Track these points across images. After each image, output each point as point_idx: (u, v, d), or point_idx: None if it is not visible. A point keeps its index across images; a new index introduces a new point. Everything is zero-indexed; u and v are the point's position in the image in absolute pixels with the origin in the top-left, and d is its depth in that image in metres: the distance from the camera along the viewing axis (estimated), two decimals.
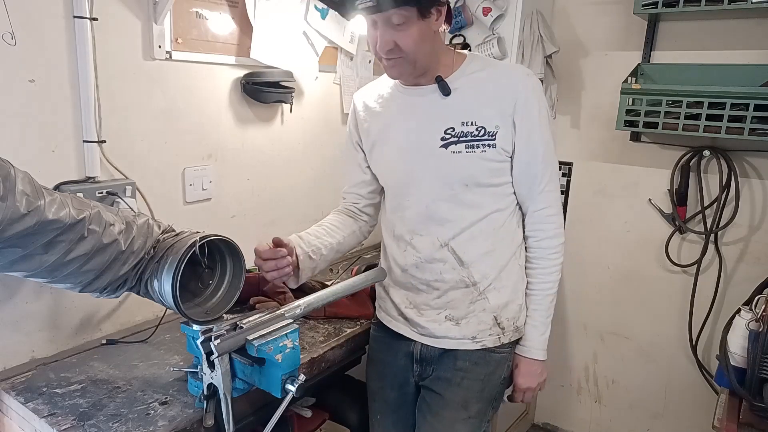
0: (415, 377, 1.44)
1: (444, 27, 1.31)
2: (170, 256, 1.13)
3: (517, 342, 1.42)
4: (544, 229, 1.35)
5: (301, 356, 1.25)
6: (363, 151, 1.46)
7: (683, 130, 1.94)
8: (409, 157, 1.33)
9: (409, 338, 1.41)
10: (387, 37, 1.19)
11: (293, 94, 1.86)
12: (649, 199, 2.30)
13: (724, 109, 1.84)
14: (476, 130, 1.26)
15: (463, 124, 1.27)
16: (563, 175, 2.47)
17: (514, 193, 1.34)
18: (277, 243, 1.27)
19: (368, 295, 1.71)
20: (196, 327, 1.13)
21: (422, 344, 1.40)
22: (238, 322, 1.12)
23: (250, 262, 1.25)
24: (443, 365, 1.39)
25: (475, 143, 1.26)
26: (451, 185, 1.30)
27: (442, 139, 1.28)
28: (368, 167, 1.47)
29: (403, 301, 1.41)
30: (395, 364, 1.46)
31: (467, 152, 1.27)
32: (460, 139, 1.27)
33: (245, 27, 1.71)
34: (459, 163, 1.27)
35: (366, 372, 1.56)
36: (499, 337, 1.36)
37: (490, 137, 1.26)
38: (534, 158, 1.29)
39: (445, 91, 1.28)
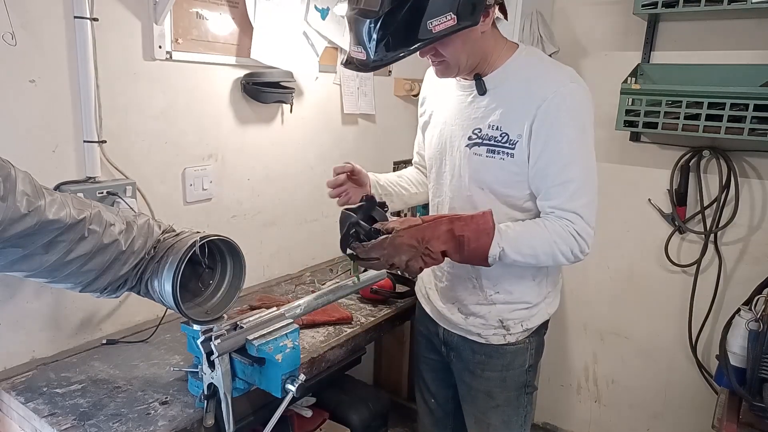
0: (444, 356, 1.48)
1: (499, 16, 1.22)
2: (170, 256, 1.13)
3: (537, 331, 1.39)
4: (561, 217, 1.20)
5: (301, 356, 1.24)
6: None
7: (683, 130, 1.94)
8: (441, 149, 1.35)
9: (433, 318, 1.46)
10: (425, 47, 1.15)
11: (293, 94, 1.86)
12: (649, 199, 2.30)
13: (723, 109, 1.84)
14: (500, 135, 1.22)
15: (489, 127, 1.24)
16: None
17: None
18: (350, 170, 1.41)
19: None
20: (196, 327, 1.14)
21: (444, 328, 1.43)
22: (238, 322, 1.13)
23: (250, 262, 1.25)
24: (463, 355, 1.41)
25: (497, 149, 1.23)
26: (467, 186, 1.29)
27: (469, 138, 1.27)
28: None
29: (429, 281, 1.46)
30: (429, 335, 1.52)
31: (487, 156, 1.24)
32: (484, 141, 1.24)
33: (245, 27, 1.71)
34: (477, 165, 1.26)
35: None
36: (504, 337, 1.35)
37: (511, 146, 1.21)
38: (550, 165, 1.19)
39: (481, 90, 1.24)
